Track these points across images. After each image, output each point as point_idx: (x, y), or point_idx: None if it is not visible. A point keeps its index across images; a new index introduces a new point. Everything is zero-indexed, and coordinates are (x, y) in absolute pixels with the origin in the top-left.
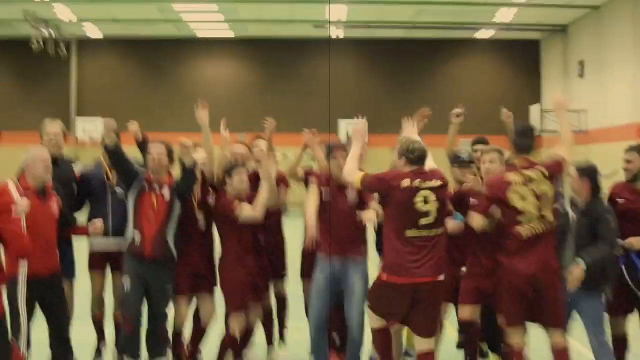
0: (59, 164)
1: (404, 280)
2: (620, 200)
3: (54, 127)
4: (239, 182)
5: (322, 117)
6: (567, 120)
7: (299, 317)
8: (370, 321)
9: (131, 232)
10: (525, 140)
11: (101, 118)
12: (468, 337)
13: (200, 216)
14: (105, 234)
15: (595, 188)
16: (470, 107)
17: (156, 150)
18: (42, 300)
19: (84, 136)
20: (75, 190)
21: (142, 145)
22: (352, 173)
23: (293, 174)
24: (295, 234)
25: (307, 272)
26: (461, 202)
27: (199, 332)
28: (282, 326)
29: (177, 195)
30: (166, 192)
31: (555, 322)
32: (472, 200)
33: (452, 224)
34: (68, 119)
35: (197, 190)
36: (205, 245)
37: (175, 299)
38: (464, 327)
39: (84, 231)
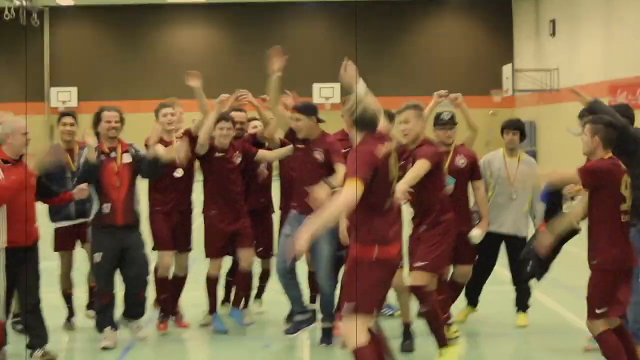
0: None
1: (394, 250)
2: None
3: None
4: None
5: (296, 80)
6: None
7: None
8: (356, 336)
9: (97, 205)
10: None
11: (75, 87)
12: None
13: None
14: (69, 218)
15: None
16: (443, 68)
17: (110, 116)
18: (20, 268)
19: (57, 105)
20: None
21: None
22: (345, 189)
23: (270, 136)
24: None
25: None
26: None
27: (178, 284)
28: (260, 290)
29: (136, 159)
30: (126, 157)
31: None
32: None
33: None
34: (42, 89)
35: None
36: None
37: (160, 253)
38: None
39: (69, 196)
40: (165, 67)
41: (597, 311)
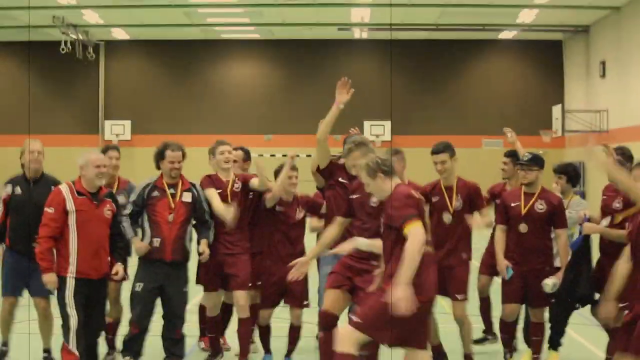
0: (38, 183)
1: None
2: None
3: (35, 145)
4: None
5: (347, 118)
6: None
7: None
8: (346, 344)
9: (148, 238)
10: None
11: (129, 120)
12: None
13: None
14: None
15: None
16: (494, 107)
17: (174, 156)
18: (87, 301)
19: (111, 137)
20: None
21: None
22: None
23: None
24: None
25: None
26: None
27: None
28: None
29: (196, 202)
30: (186, 195)
31: None
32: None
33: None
34: (96, 121)
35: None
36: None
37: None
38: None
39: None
40: (218, 102)
41: None
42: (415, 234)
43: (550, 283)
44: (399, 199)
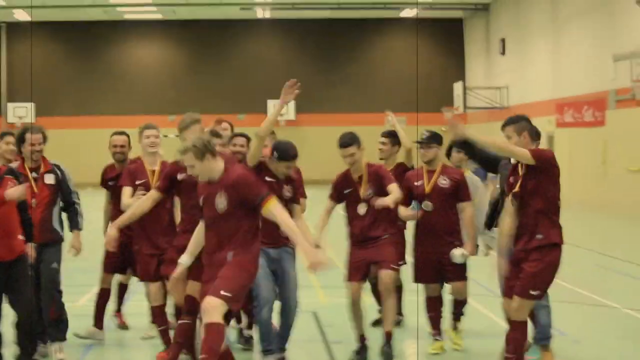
0: None
1: None
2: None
3: None
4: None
5: (252, 97)
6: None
7: None
8: (215, 315)
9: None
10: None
11: (32, 103)
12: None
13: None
14: None
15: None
16: (397, 85)
17: (33, 139)
18: (7, 285)
19: (14, 120)
20: None
21: None
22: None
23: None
24: None
25: None
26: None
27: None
28: None
29: (61, 183)
30: (48, 177)
31: None
32: None
33: (407, 213)
34: None
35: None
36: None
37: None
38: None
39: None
40: (123, 83)
41: (532, 292)
42: (279, 209)
43: (458, 254)
44: (247, 177)
